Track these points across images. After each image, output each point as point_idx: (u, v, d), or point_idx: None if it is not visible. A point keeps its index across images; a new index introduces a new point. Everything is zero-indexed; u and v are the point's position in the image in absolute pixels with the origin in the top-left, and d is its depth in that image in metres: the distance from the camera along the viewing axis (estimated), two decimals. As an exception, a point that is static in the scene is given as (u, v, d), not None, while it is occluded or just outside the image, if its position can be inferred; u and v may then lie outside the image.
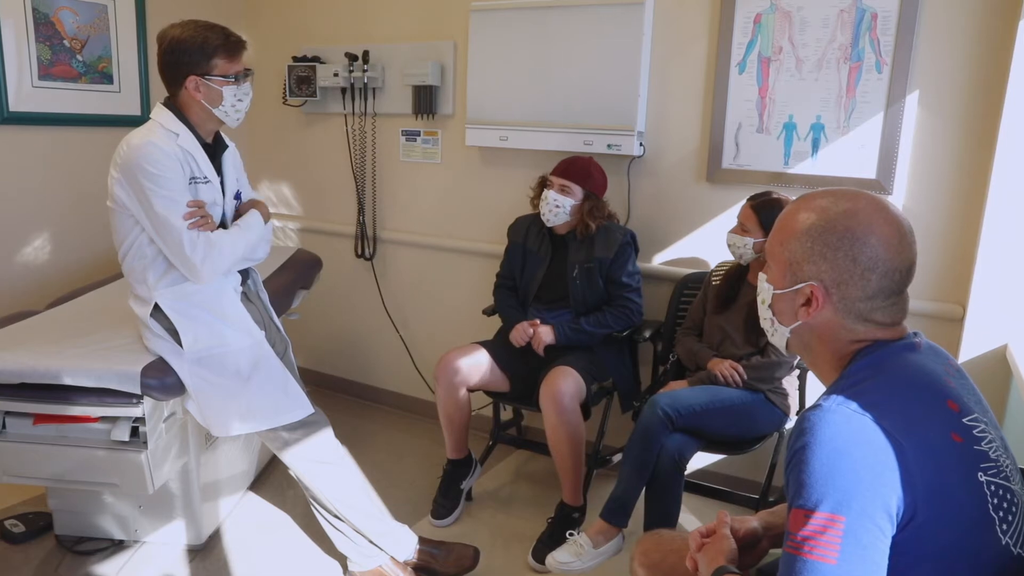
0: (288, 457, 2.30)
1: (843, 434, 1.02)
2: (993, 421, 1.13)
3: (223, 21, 2.20)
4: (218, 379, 2.23)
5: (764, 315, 1.28)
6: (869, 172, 2.59)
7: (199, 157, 2.19)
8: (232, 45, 2.15)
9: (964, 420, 1.07)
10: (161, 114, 2.17)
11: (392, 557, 2.39)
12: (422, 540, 2.46)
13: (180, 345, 2.19)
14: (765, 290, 1.25)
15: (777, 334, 1.25)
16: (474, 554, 2.48)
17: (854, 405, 1.04)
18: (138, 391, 2.09)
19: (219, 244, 2.17)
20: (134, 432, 2.16)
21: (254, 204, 2.39)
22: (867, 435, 1.01)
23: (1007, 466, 1.08)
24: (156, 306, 2.19)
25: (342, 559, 2.46)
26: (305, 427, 2.30)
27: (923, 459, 1.01)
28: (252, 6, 3.97)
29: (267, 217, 2.39)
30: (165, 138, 2.12)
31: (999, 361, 2.37)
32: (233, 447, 2.78)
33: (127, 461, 2.16)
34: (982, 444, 1.06)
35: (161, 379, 2.13)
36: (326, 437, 2.34)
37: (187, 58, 2.10)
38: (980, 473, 1.04)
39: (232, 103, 2.18)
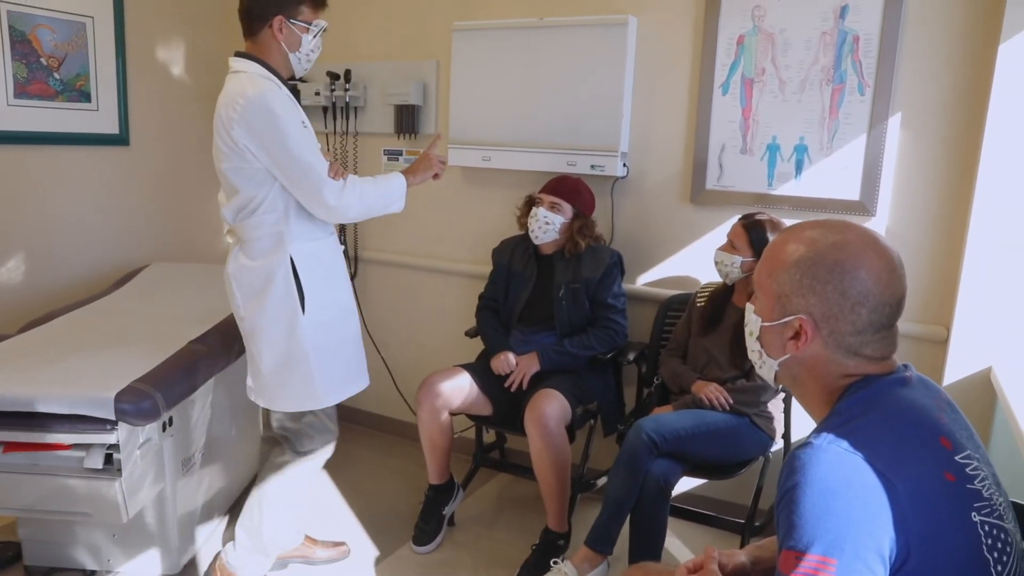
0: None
1: (834, 474, 0.99)
2: (985, 456, 1.11)
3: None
4: (337, 341, 2.30)
5: (752, 347, 1.25)
6: (852, 193, 2.59)
7: (296, 101, 2.21)
8: None
9: (957, 458, 1.05)
10: (250, 66, 2.16)
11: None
12: None
13: (301, 306, 2.19)
14: (753, 322, 1.23)
15: (765, 367, 1.23)
16: None
17: (845, 444, 1.02)
18: (112, 417, 2.04)
19: (353, 186, 2.19)
20: (108, 459, 2.10)
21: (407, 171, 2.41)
22: (859, 475, 0.99)
23: (1000, 504, 1.06)
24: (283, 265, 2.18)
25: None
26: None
27: (916, 500, 0.99)
28: (233, 25, 3.92)
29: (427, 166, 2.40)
30: (273, 84, 2.13)
31: (983, 384, 2.37)
32: (210, 471, 2.72)
33: (100, 489, 2.10)
34: (975, 483, 1.04)
35: (136, 404, 2.07)
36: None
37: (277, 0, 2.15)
38: (974, 513, 1.02)
39: (307, 51, 2.23)
